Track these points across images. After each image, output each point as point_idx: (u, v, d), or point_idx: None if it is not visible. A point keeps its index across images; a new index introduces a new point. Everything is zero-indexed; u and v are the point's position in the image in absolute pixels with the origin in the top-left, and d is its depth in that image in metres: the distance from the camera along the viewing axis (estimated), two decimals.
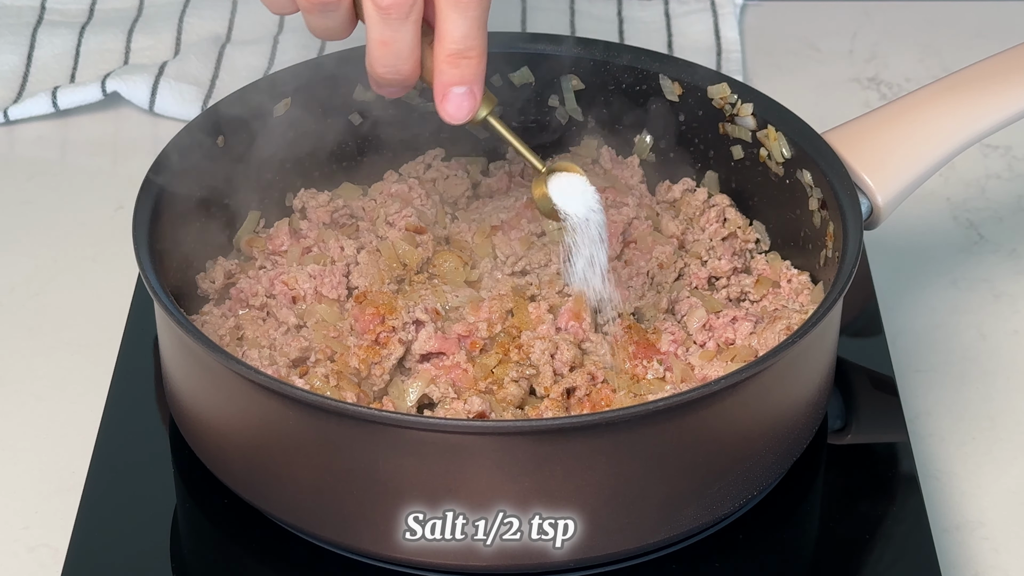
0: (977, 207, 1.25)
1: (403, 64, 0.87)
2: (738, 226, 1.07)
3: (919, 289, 1.17)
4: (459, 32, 0.85)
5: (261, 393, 0.87)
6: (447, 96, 0.87)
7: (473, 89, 0.87)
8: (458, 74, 0.86)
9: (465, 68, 0.86)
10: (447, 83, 0.86)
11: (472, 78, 0.87)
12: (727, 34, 1.40)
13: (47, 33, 1.38)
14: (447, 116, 0.88)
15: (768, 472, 0.93)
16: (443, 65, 0.86)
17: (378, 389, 0.96)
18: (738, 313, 0.99)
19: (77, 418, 1.05)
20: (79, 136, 1.31)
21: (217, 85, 1.33)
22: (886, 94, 1.37)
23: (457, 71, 0.86)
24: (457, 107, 0.87)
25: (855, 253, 0.93)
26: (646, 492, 0.88)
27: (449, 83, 0.86)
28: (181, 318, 0.89)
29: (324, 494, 0.89)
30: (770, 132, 1.04)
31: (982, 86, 1.02)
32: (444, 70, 0.86)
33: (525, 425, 0.87)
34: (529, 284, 1.02)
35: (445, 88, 0.87)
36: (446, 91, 0.87)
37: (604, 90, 1.10)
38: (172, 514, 0.96)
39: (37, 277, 1.18)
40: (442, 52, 0.86)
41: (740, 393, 0.88)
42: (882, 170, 0.99)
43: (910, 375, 1.10)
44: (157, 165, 0.98)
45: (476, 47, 0.86)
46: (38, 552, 0.97)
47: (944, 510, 1.01)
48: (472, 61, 0.86)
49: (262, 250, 1.04)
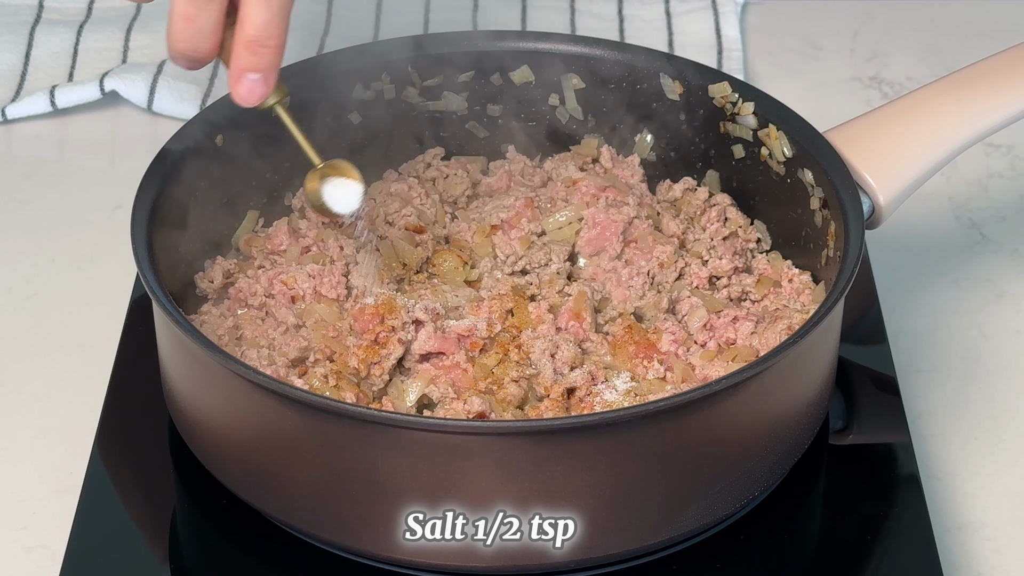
0: (979, 206, 1.25)
1: (203, 42, 0.89)
2: (739, 225, 1.06)
3: (921, 289, 1.17)
4: (260, 20, 0.88)
5: (260, 393, 0.87)
6: (240, 79, 0.89)
7: (267, 77, 0.90)
8: (254, 61, 0.89)
9: (262, 56, 0.89)
10: (243, 68, 0.89)
11: (267, 66, 0.89)
12: (728, 32, 1.40)
13: (45, 32, 1.38)
14: (238, 98, 0.90)
15: (769, 473, 0.93)
16: (241, 50, 0.89)
17: (377, 389, 0.96)
18: (739, 313, 0.99)
19: (75, 418, 1.05)
20: (77, 135, 1.31)
21: (216, 84, 1.33)
22: (888, 93, 1.37)
23: (254, 58, 0.89)
24: (248, 91, 0.90)
25: (856, 253, 0.93)
26: (647, 492, 0.88)
27: (245, 68, 0.89)
28: (180, 318, 0.89)
29: (323, 495, 0.89)
30: (771, 131, 1.04)
31: (984, 85, 1.02)
32: (241, 55, 0.89)
33: (525, 425, 0.87)
34: (529, 284, 1.02)
35: (240, 72, 0.89)
36: (241, 75, 0.89)
37: (604, 89, 1.09)
38: (171, 515, 0.96)
39: (35, 277, 1.18)
40: (242, 37, 0.88)
41: (741, 393, 0.88)
42: (884, 169, 0.99)
43: (912, 375, 1.10)
44: (155, 164, 0.98)
45: (275, 36, 0.89)
46: (36, 553, 0.97)
47: (946, 511, 1.01)
48: (269, 50, 0.89)
49: (261, 249, 1.04)
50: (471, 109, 1.11)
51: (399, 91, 1.09)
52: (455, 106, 1.10)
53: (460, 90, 1.10)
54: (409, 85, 1.09)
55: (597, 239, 1.04)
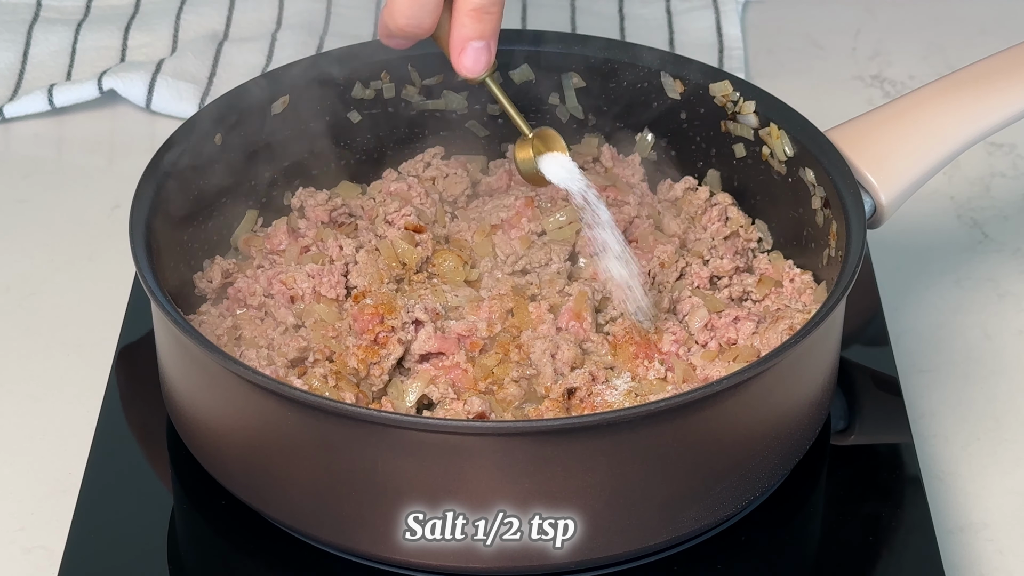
0: (982, 206, 1.25)
1: (426, 17, 0.89)
2: (740, 225, 1.06)
3: (923, 288, 1.17)
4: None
5: (259, 394, 0.87)
6: (465, 50, 0.90)
7: (490, 44, 0.90)
8: (479, 28, 0.89)
9: (486, 23, 0.89)
10: (467, 36, 0.89)
11: (490, 33, 0.90)
12: (729, 31, 1.40)
13: (43, 30, 1.38)
14: (464, 69, 0.90)
15: (771, 473, 0.93)
16: (465, 19, 0.89)
17: (377, 389, 0.96)
18: (740, 313, 0.99)
19: (73, 419, 1.05)
20: (75, 134, 1.31)
21: (215, 82, 1.33)
22: (889, 92, 1.37)
23: (479, 25, 0.89)
24: (475, 60, 0.90)
25: (858, 252, 0.93)
26: (647, 493, 0.88)
27: (469, 36, 0.89)
28: (178, 318, 0.89)
29: (323, 495, 0.88)
30: (772, 130, 1.03)
31: (987, 83, 1.02)
32: (466, 23, 0.89)
33: (525, 426, 0.86)
34: (529, 283, 1.01)
35: (464, 41, 0.89)
36: (465, 45, 0.89)
37: (605, 88, 1.09)
38: (169, 516, 0.96)
39: (33, 276, 1.18)
40: (465, 6, 0.89)
41: (742, 393, 0.87)
42: (885, 168, 0.99)
43: (914, 375, 1.10)
44: (154, 163, 0.98)
45: (497, 2, 0.89)
46: (34, 554, 0.97)
47: (948, 511, 1.00)
48: (492, 16, 0.89)
49: (260, 249, 1.04)
50: (471, 108, 1.11)
51: (399, 90, 1.09)
52: (455, 105, 1.10)
53: (460, 89, 1.10)
54: (409, 84, 1.09)
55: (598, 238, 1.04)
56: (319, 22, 1.41)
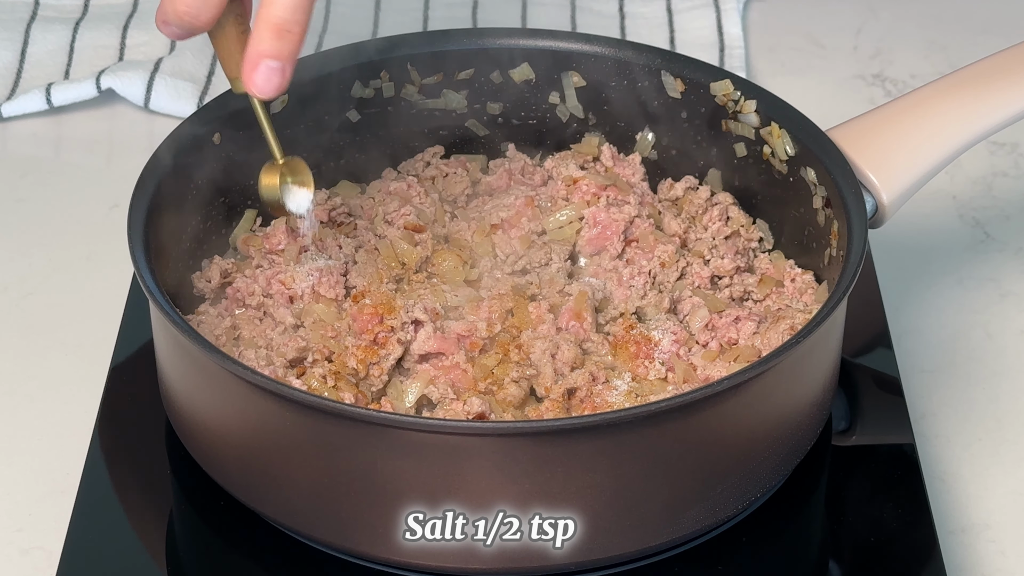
0: (983, 205, 1.24)
1: (206, 11, 0.84)
2: (741, 224, 1.06)
3: (924, 288, 1.16)
4: (289, 4, 0.83)
5: (258, 394, 0.87)
6: (258, 67, 0.84)
7: (285, 67, 0.85)
8: (276, 47, 0.84)
9: (285, 43, 0.84)
10: (263, 53, 0.84)
11: (288, 55, 0.84)
12: (730, 30, 1.40)
13: (41, 29, 1.38)
14: (253, 87, 0.85)
15: (772, 474, 0.92)
16: (264, 32, 0.84)
17: (376, 390, 0.95)
18: (741, 313, 0.99)
19: (71, 419, 1.04)
20: (73, 133, 1.31)
21: (213, 81, 1.33)
22: (891, 91, 1.37)
23: (277, 43, 0.84)
24: (265, 80, 0.85)
25: (860, 252, 0.93)
26: (648, 494, 0.88)
27: (265, 54, 0.84)
28: (177, 318, 0.89)
29: (322, 496, 0.88)
30: (773, 129, 1.03)
31: (989, 83, 1.01)
32: (264, 38, 0.84)
33: (525, 426, 0.86)
34: (529, 283, 1.01)
35: (259, 57, 0.84)
36: (259, 61, 0.84)
37: (605, 87, 1.09)
38: (168, 517, 0.95)
39: (31, 276, 1.17)
40: (267, 18, 0.84)
41: (743, 394, 0.87)
42: (887, 168, 0.99)
43: (915, 375, 1.09)
44: (152, 163, 0.98)
45: (300, 23, 0.84)
46: (32, 555, 0.97)
47: (950, 512, 1.00)
48: (293, 37, 0.84)
49: (259, 249, 1.04)
50: (471, 107, 1.10)
51: (398, 89, 1.09)
52: (455, 104, 1.10)
53: (460, 88, 1.10)
54: (408, 83, 1.09)
55: (598, 238, 1.04)
56: (318, 21, 1.41)
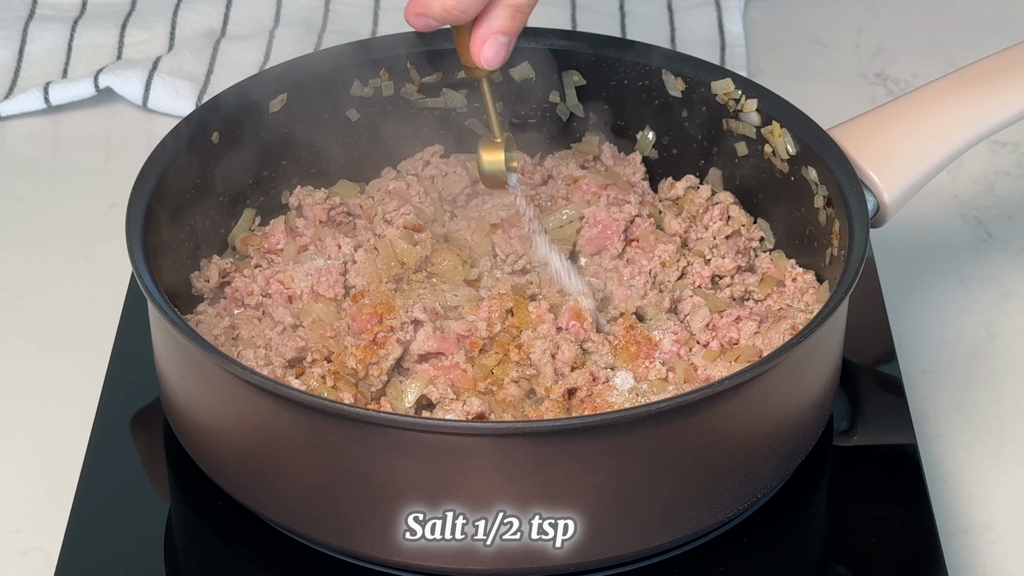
0: (985, 205, 1.24)
1: (475, 7, 0.90)
2: (742, 224, 1.06)
3: (926, 288, 1.16)
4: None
5: (256, 394, 0.86)
6: (489, 40, 0.91)
7: (512, 42, 0.92)
8: (509, 24, 0.91)
9: (516, 21, 0.91)
10: (497, 28, 0.91)
11: (516, 31, 0.92)
12: (731, 28, 1.39)
13: (39, 27, 1.38)
14: (484, 59, 0.92)
15: (773, 474, 0.92)
16: (502, 12, 0.91)
17: (376, 390, 0.95)
18: (742, 312, 0.99)
19: (69, 419, 1.04)
20: (71, 132, 1.31)
21: (212, 80, 1.33)
22: (892, 90, 1.37)
23: (511, 22, 0.91)
24: (495, 52, 0.92)
25: (861, 251, 0.92)
26: (648, 494, 0.87)
27: (499, 29, 0.91)
28: (175, 318, 0.89)
29: (321, 497, 0.88)
30: (775, 128, 1.03)
31: (991, 81, 1.01)
32: (500, 16, 0.91)
33: (525, 426, 0.86)
34: (529, 283, 1.01)
35: (492, 32, 0.91)
36: (490, 35, 0.91)
37: (606, 86, 1.09)
38: (166, 517, 0.95)
39: (29, 276, 1.17)
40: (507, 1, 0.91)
41: (744, 394, 0.87)
42: (889, 167, 0.99)
43: (917, 375, 1.09)
44: (151, 162, 0.98)
45: (531, 6, 0.91)
46: (30, 556, 0.97)
47: (952, 513, 1.00)
48: (523, 17, 0.91)
49: (258, 248, 1.04)
50: (470, 106, 1.10)
51: (397, 88, 1.09)
52: (454, 103, 1.10)
53: (459, 87, 1.09)
54: (407, 82, 1.09)
55: (598, 238, 1.04)
56: (317, 19, 1.40)
